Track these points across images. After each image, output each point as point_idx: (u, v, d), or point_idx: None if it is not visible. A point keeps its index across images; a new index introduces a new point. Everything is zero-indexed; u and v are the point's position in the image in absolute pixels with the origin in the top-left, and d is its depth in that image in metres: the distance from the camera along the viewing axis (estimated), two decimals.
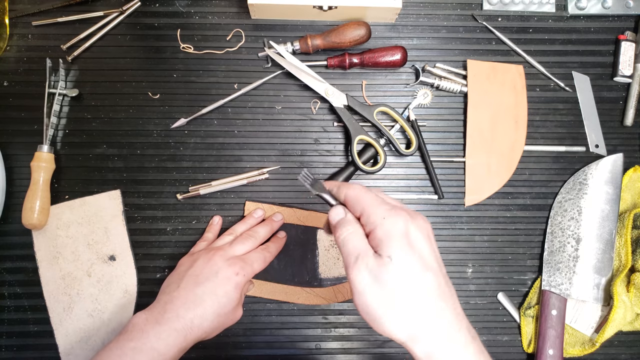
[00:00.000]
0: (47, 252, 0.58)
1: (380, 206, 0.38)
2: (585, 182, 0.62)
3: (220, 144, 0.61)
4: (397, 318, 0.35)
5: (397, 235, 0.36)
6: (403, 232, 0.36)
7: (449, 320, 0.36)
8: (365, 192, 0.39)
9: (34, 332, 0.59)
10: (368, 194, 0.39)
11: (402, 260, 0.35)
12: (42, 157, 0.57)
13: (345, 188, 0.40)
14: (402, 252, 0.36)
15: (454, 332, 0.35)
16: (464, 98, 0.63)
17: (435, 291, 0.36)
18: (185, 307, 0.48)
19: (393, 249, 0.36)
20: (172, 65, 0.61)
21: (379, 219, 0.37)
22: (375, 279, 0.36)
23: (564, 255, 0.61)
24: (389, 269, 0.35)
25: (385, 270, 0.35)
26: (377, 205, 0.38)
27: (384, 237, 0.36)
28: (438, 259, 0.38)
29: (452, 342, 0.35)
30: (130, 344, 0.46)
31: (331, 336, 0.61)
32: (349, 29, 0.59)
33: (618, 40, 0.64)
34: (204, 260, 0.52)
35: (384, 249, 0.36)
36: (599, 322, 0.60)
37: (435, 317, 0.35)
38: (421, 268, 0.36)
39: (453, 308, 0.36)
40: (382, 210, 0.37)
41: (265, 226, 0.58)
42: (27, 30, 0.61)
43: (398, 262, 0.35)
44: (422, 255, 0.36)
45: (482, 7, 0.64)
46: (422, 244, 0.37)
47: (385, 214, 0.37)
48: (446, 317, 0.35)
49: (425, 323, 0.35)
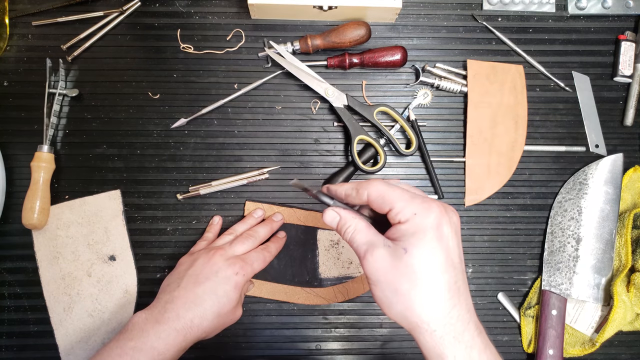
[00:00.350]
0: (47, 252, 0.58)
1: (412, 201, 0.36)
2: (585, 182, 0.62)
3: (220, 144, 0.61)
4: (408, 308, 0.36)
5: (425, 230, 0.36)
6: (434, 227, 0.36)
7: (459, 315, 0.36)
8: (390, 189, 0.37)
9: (34, 332, 0.59)
10: (394, 191, 0.37)
11: (425, 253, 0.35)
12: (42, 157, 0.57)
13: (365, 188, 0.38)
14: (427, 246, 0.35)
15: (461, 327, 0.36)
16: (464, 98, 0.63)
17: (452, 287, 0.36)
18: (186, 307, 0.48)
19: (415, 242, 0.35)
20: (172, 65, 0.62)
21: (409, 214, 0.36)
22: (391, 268, 0.36)
23: (564, 255, 0.61)
24: (407, 261, 0.35)
25: (401, 261, 0.35)
26: (407, 201, 0.36)
27: (410, 231, 0.36)
28: (461, 254, 0.38)
29: (459, 336, 0.35)
30: (130, 343, 0.46)
31: (331, 336, 0.61)
32: (349, 29, 0.59)
33: (618, 40, 0.64)
34: (203, 259, 0.52)
35: (403, 241, 0.36)
36: (599, 322, 0.60)
37: (446, 312, 0.35)
38: (443, 264, 0.36)
39: (465, 304, 0.36)
40: (413, 206, 0.36)
41: (265, 226, 0.58)
42: (27, 30, 0.61)
43: (419, 255, 0.35)
44: (449, 250, 0.36)
45: (482, 7, 0.64)
46: (451, 239, 0.36)
47: (416, 209, 0.36)
48: (456, 312, 0.36)
49: (435, 317, 0.35)
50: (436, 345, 0.35)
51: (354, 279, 0.61)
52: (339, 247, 0.61)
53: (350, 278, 0.61)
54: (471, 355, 0.35)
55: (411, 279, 0.35)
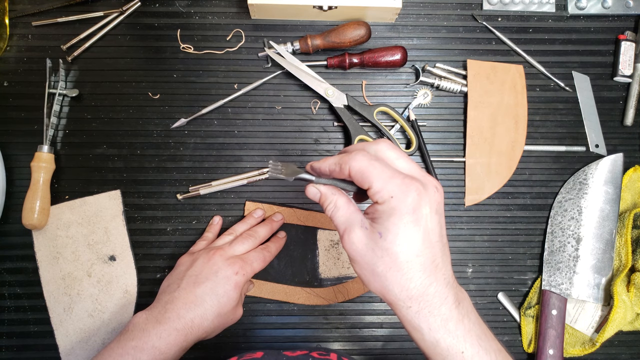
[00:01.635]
0: (47, 253, 0.58)
1: (390, 181, 0.35)
2: (585, 182, 0.62)
3: (220, 144, 0.61)
4: (384, 287, 0.36)
5: (401, 214, 0.35)
6: (411, 210, 0.35)
7: (436, 292, 0.36)
8: (371, 165, 0.36)
9: (34, 332, 0.58)
10: (375, 167, 0.36)
11: (399, 237, 0.35)
12: (42, 158, 0.57)
13: (347, 161, 0.37)
14: (401, 230, 0.35)
15: (438, 302, 0.36)
16: (464, 98, 0.63)
17: (427, 266, 0.36)
18: (186, 307, 0.48)
19: (390, 226, 0.35)
20: (172, 65, 0.62)
21: (386, 196, 0.35)
22: (368, 249, 0.36)
23: (564, 255, 0.61)
24: (381, 244, 0.35)
25: (377, 244, 0.36)
26: (385, 180, 0.35)
27: (387, 214, 0.35)
28: (442, 231, 0.37)
29: (434, 310, 0.36)
30: (132, 342, 0.46)
31: (331, 337, 0.61)
32: (349, 29, 0.59)
33: (618, 40, 0.64)
34: (203, 259, 0.52)
35: (379, 224, 0.36)
36: (599, 322, 0.60)
37: (421, 291, 0.36)
38: (420, 246, 0.35)
39: (444, 278, 0.36)
40: (391, 187, 0.35)
41: (265, 226, 0.58)
42: (27, 30, 0.61)
43: (393, 239, 0.35)
44: (427, 232, 0.36)
45: (482, 7, 0.64)
46: (430, 220, 0.36)
47: (394, 190, 0.35)
48: (433, 288, 0.36)
49: (410, 295, 0.36)
50: (412, 319, 0.36)
51: (354, 279, 0.61)
52: (339, 247, 0.61)
53: (350, 278, 0.61)
54: (447, 327, 0.36)
55: (386, 262, 0.35)
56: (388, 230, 0.35)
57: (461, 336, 0.36)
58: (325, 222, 0.61)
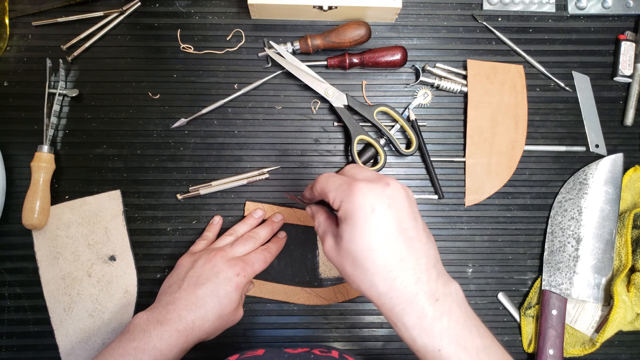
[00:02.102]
0: (47, 253, 0.58)
1: (339, 188, 0.38)
2: (585, 182, 0.62)
3: (220, 144, 0.61)
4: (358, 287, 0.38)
5: (352, 215, 0.37)
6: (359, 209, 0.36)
7: (404, 286, 0.36)
8: (328, 181, 0.40)
9: (34, 332, 0.58)
10: (330, 181, 0.40)
11: (353, 237, 0.37)
12: (42, 157, 0.57)
13: (314, 184, 0.42)
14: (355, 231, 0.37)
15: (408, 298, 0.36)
16: (464, 98, 0.63)
17: (389, 260, 0.36)
18: (187, 309, 0.48)
19: (345, 227, 0.37)
20: (172, 65, 0.62)
21: (338, 202, 0.38)
22: (336, 254, 0.39)
23: (564, 255, 0.61)
24: (342, 246, 0.38)
25: (339, 246, 0.38)
26: (336, 189, 0.38)
27: (342, 218, 0.38)
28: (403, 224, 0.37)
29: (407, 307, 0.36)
30: (133, 343, 0.46)
31: (331, 337, 0.61)
32: (349, 29, 0.59)
33: (618, 40, 0.64)
34: (204, 260, 0.52)
35: (340, 229, 0.38)
36: (599, 322, 0.60)
37: (387, 287, 0.36)
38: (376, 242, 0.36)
39: (412, 274, 0.36)
40: (339, 193, 0.38)
41: (265, 227, 0.58)
42: (27, 30, 0.61)
43: (349, 239, 0.37)
44: (380, 225, 0.36)
45: (482, 7, 0.64)
46: (382, 214, 0.36)
47: (341, 196, 0.38)
48: (399, 282, 0.36)
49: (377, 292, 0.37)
50: (389, 317, 0.37)
51: None
52: None
53: None
54: (422, 325, 0.36)
55: (349, 261, 0.37)
56: (344, 232, 0.37)
57: (437, 334, 0.36)
58: None
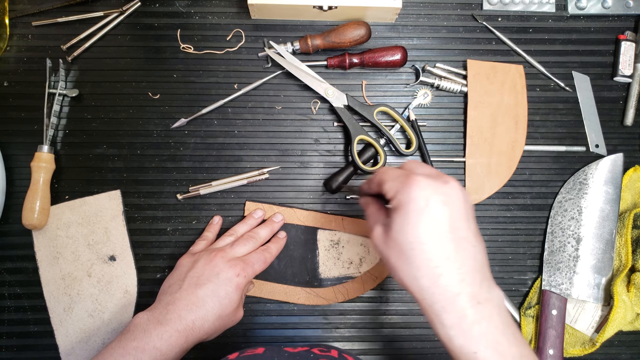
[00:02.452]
0: (47, 253, 0.58)
1: (396, 179, 0.39)
2: (585, 182, 0.62)
3: (220, 144, 0.61)
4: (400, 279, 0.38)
5: (405, 205, 0.37)
6: (414, 200, 0.37)
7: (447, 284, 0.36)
8: (386, 172, 0.41)
9: (34, 332, 0.58)
10: (388, 173, 0.40)
11: (405, 229, 0.37)
12: (42, 158, 0.57)
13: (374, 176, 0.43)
14: (407, 222, 0.37)
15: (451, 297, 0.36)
16: (464, 98, 0.63)
17: (436, 256, 0.36)
18: (187, 309, 0.48)
19: (397, 218, 0.38)
20: (172, 65, 0.62)
21: (393, 192, 0.39)
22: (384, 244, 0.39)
23: (564, 255, 0.61)
24: (391, 236, 0.38)
25: (388, 236, 0.39)
26: (393, 179, 0.39)
27: (395, 208, 0.38)
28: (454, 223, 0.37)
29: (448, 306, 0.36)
30: (133, 343, 0.46)
31: (331, 337, 0.61)
32: (349, 29, 0.59)
33: (618, 40, 0.64)
34: (205, 261, 0.52)
35: (391, 219, 0.38)
36: (599, 322, 0.61)
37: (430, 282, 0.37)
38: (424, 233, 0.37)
39: (457, 273, 0.36)
40: (396, 183, 0.39)
41: (265, 227, 0.58)
42: (27, 30, 0.61)
43: (398, 229, 0.37)
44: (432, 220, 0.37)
45: (482, 7, 0.64)
46: (435, 210, 0.37)
47: (398, 186, 0.38)
48: (444, 280, 0.36)
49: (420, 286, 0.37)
50: (427, 313, 0.37)
51: (354, 279, 0.61)
52: (339, 247, 0.61)
53: (350, 278, 0.61)
54: (461, 326, 0.36)
55: (395, 251, 0.38)
56: (394, 222, 0.38)
57: (475, 337, 0.36)
58: (325, 222, 0.61)
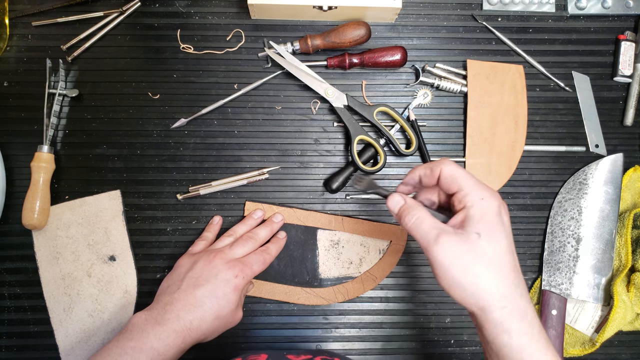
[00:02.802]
0: (47, 253, 0.58)
1: (478, 186, 0.40)
2: (585, 182, 0.62)
3: (220, 144, 0.61)
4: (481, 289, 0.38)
5: (492, 215, 0.38)
6: (497, 212, 0.39)
7: (522, 293, 0.38)
8: (460, 170, 0.41)
9: (34, 332, 0.58)
10: (464, 173, 0.40)
11: (494, 237, 0.38)
12: (42, 158, 0.57)
13: (438, 165, 0.41)
14: (495, 230, 0.38)
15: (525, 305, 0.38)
16: (464, 98, 0.63)
17: (514, 268, 0.39)
18: (185, 309, 0.49)
19: (486, 226, 0.38)
20: (172, 65, 0.62)
21: (476, 199, 0.39)
22: (464, 252, 0.38)
23: (564, 255, 0.61)
24: (480, 244, 0.38)
25: (474, 244, 0.38)
26: (474, 185, 0.40)
27: (477, 216, 0.38)
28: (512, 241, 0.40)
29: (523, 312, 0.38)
30: (130, 343, 0.46)
31: (331, 337, 0.61)
32: (349, 29, 0.59)
33: (618, 40, 0.64)
34: (204, 262, 0.52)
35: (474, 226, 0.38)
36: (599, 322, 0.60)
37: (512, 290, 0.38)
38: (508, 247, 0.39)
39: (523, 285, 0.39)
40: (480, 191, 0.39)
41: (265, 228, 0.58)
42: (27, 30, 0.61)
43: (489, 238, 0.38)
44: (509, 236, 0.39)
45: (482, 7, 0.64)
46: (508, 225, 0.40)
47: (482, 194, 0.39)
48: (520, 290, 0.38)
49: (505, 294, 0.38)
50: (505, 320, 0.37)
51: (354, 279, 0.61)
52: (339, 247, 0.61)
53: (350, 278, 0.61)
54: (533, 333, 0.37)
55: (484, 261, 0.37)
56: (484, 230, 0.38)
57: (544, 346, 0.37)
58: (325, 222, 0.61)
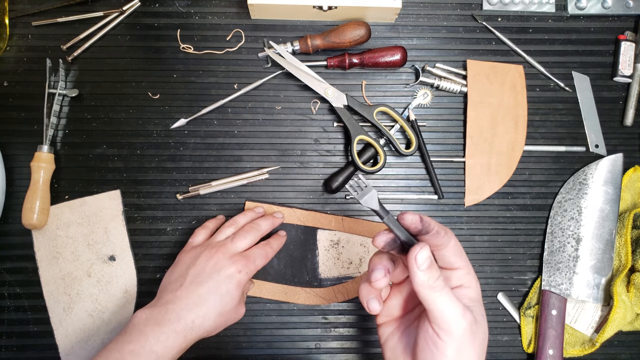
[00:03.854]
0: (47, 252, 0.58)
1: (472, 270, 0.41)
2: (585, 182, 0.62)
3: (220, 144, 0.61)
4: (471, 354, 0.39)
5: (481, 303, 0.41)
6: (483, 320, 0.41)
7: None
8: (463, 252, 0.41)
9: (34, 332, 0.59)
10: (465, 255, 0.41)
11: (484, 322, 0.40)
12: (42, 157, 0.57)
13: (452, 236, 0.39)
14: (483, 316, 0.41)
15: None
16: (464, 98, 0.63)
17: None
18: (187, 308, 0.48)
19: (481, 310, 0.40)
20: (172, 65, 0.62)
21: (474, 282, 0.41)
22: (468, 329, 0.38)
23: (564, 255, 0.61)
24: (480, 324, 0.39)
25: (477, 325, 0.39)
26: (469, 268, 0.41)
27: (476, 299, 0.40)
28: None
29: None
30: (129, 346, 0.45)
31: (331, 336, 0.61)
32: (349, 29, 0.59)
33: (618, 40, 0.64)
34: (206, 257, 0.52)
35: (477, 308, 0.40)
36: (599, 322, 0.61)
37: None
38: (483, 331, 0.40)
39: None
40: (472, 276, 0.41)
41: (266, 220, 0.57)
42: (27, 30, 0.61)
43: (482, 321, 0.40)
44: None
45: (482, 7, 0.64)
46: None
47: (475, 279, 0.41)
48: None
49: None
50: None
51: (353, 279, 0.61)
52: (339, 247, 0.61)
53: (350, 278, 0.61)
54: None
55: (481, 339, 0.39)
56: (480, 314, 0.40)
57: None
58: (325, 222, 0.61)
